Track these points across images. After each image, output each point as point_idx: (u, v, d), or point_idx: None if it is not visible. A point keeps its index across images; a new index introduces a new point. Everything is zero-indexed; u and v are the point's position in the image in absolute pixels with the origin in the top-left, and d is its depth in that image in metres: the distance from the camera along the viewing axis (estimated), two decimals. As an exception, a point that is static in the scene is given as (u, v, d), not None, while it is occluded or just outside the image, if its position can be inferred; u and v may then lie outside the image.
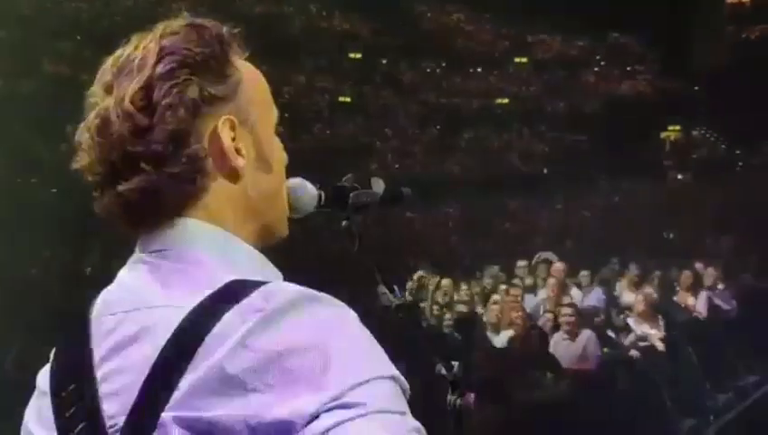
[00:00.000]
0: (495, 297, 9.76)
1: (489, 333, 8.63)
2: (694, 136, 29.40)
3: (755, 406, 8.09)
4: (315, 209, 1.44)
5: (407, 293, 10.15)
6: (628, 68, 30.27)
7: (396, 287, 1.55)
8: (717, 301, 10.39)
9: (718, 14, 28.99)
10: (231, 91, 1.23)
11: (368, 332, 1.12)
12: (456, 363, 1.64)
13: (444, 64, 29.28)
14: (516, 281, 10.60)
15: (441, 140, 27.18)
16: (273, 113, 1.33)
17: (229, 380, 1.05)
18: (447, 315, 9.30)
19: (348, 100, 27.07)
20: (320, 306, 1.10)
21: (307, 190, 1.42)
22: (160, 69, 1.18)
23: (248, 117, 1.25)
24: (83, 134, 1.22)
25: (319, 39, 27.17)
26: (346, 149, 24.42)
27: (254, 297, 1.09)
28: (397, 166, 25.01)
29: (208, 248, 1.19)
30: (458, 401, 1.62)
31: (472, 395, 1.63)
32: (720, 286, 10.77)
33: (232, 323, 1.07)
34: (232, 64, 1.25)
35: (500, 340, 8.53)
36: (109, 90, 1.21)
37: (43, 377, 1.26)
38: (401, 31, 28.74)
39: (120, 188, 1.18)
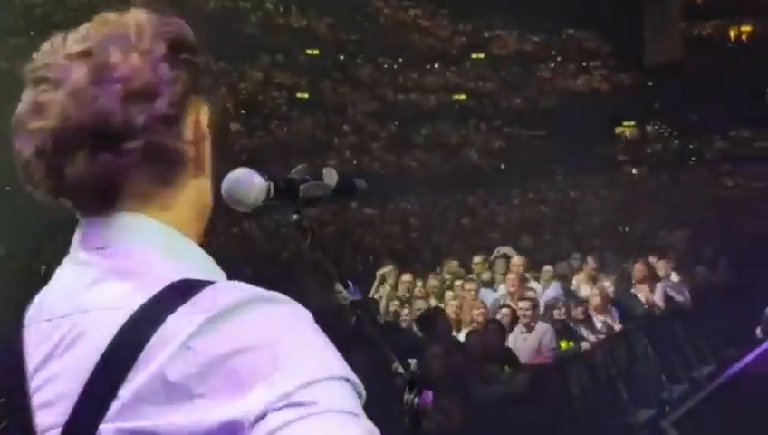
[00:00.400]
0: (451, 293, 9.76)
1: (447, 329, 8.61)
2: (648, 131, 29.73)
3: (711, 397, 8.20)
4: (263, 203, 1.34)
5: (372, 291, 10.13)
6: (584, 64, 30.54)
7: (351, 284, 1.51)
8: (672, 293, 10.48)
9: (672, 10, 29.28)
10: (209, 85, 1.20)
11: (321, 331, 1.06)
12: (413, 361, 1.59)
13: (401, 60, 29.31)
14: (473, 276, 10.60)
15: (399, 136, 27.21)
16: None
17: (173, 386, 0.99)
18: (406, 311, 9.28)
19: (305, 96, 26.98)
20: (269, 305, 1.05)
21: (254, 182, 1.32)
22: (153, 46, 1.12)
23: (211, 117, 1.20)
24: (49, 100, 1.10)
25: (276, 35, 27.03)
26: (304, 146, 24.33)
27: (201, 297, 1.03)
28: (355, 162, 24.99)
29: (154, 247, 1.12)
30: (416, 399, 1.58)
31: (430, 394, 1.59)
32: (675, 279, 10.86)
33: (176, 325, 1.01)
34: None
35: (459, 335, 8.53)
36: (81, 56, 1.11)
37: None
38: (358, 27, 28.70)
39: (106, 157, 1.08)
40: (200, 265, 1.14)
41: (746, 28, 29.72)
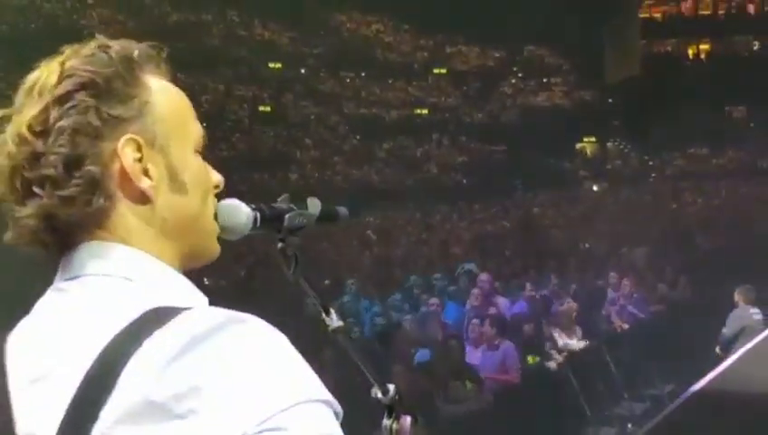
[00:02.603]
0: (413, 308, 9.77)
1: (409, 345, 8.59)
2: (608, 147, 30.12)
3: (672, 415, 8.25)
4: (250, 231, 1.38)
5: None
6: (545, 80, 30.89)
7: (333, 311, 1.52)
8: (633, 311, 10.59)
9: (631, 28, 29.74)
10: (136, 111, 1.19)
11: (297, 353, 1.09)
12: (392, 387, 1.59)
13: (363, 75, 29.43)
14: (436, 292, 10.61)
15: (361, 150, 27.29)
16: (192, 133, 1.26)
17: (153, 407, 1.02)
18: (367, 328, 9.24)
19: (267, 109, 26.97)
20: (246, 329, 1.07)
21: (242, 212, 1.36)
22: (59, 91, 1.15)
23: (156, 138, 1.20)
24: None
25: (238, 48, 27.00)
26: (266, 160, 24.29)
27: (178, 322, 1.06)
28: (316, 175, 24.99)
29: (122, 271, 1.15)
30: (394, 425, 1.58)
31: (408, 419, 1.59)
32: (635, 296, 10.96)
33: (155, 348, 1.04)
34: (139, 84, 1.21)
35: (422, 353, 8.51)
36: (17, 114, 1.18)
37: None
38: (321, 41, 28.77)
39: (17, 214, 1.15)
40: (172, 285, 1.17)
41: (704, 46, 30.29)
